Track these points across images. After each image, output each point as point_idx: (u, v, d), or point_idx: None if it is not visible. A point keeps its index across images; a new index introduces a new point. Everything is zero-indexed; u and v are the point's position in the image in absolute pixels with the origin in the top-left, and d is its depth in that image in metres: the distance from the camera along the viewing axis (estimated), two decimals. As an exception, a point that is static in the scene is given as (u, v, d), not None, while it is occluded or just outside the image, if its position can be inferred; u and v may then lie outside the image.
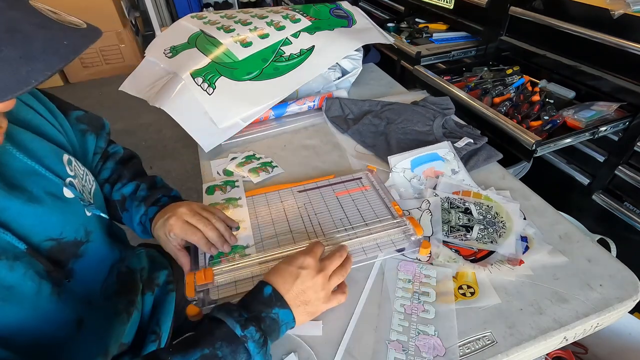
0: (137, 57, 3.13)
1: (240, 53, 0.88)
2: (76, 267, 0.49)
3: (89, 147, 0.62)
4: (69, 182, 0.50)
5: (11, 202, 0.42)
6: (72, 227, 0.49)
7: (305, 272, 0.46)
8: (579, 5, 0.90)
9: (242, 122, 0.84)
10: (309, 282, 0.46)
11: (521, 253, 0.57)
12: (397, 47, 1.34)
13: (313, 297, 0.46)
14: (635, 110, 0.86)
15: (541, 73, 1.07)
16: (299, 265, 0.47)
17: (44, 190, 0.46)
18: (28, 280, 0.42)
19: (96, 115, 0.65)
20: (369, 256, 0.57)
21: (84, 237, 0.51)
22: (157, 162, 2.12)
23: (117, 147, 0.70)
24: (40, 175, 0.46)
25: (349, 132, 0.87)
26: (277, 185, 0.71)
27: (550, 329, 0.47)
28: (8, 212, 0.41)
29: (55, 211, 0.46)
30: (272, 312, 0.44)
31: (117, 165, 0.67)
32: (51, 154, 0.49)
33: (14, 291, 0.40)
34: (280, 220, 0.64)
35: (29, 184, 0.45)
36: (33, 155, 0.46)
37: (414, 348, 0.46)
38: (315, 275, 0.47)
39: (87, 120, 0.62)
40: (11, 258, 0.40)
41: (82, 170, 0.54)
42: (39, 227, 0.44)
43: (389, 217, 0.63)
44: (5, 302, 0.39)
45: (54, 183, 0.47)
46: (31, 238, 0.43)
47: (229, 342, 0.39)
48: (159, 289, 0.67)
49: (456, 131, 0.83)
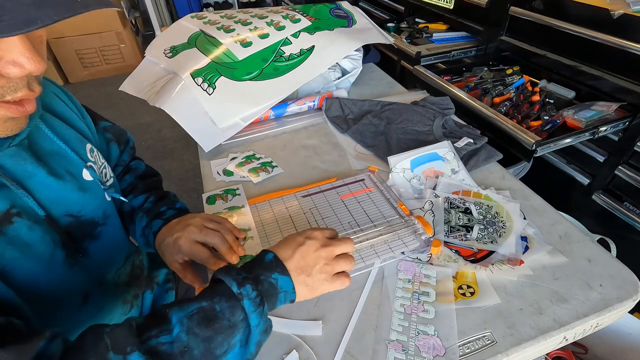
0: (137, 57, 3.13)
1: (240, 53, 0.88)
2: (91, 247, 0.51)
3: (112, 156, 0.65)
4: (89, 165, 0.52)
5: (38, 170, 0.45)
6: (91, 207, 0.51)
7: (311, 241, 0.46)
8: (579, 5, 0.90)
9: (242, 122, 0.84)
10: (312, 253, 0.45)
11: (521, 253, 0.57)
12: (397, 47, 1.34)
13: (315, 270, 0.45)
14: (635, 110, 0.86)
15: (541, 73, 1.07)
16: (306, 236, 0.47)
17: (65, 169, 0.49)
18: (44, 245, 0.44)
19: (122, 129, 0.69)
20: (382, 258, 0.56)
21: (102, 219, 0.53)
22: (157, 162, 2.12)
23: (140, 164, 0.72)
24: (65, 155, 0.49)
25: (349, 132, 0.87)
26: (280, 192, 0.70)
27: (550, 329, 0.47)
28: (34, 179, 0.44)
29: (75, 189, 0.49)
30: (272, 276, 0.43)
31: (134, 180, 0.68)
32: (76, 140, 0.53)
33: (32, 249, 0.43)
34: (288, 228, 0.63)
35: (53, 161, 0.48)
36: (61, 137, 0.49)
37: (414, 348, 0.46)
38: (320, 247, 0.46)
39: (113, 132, 0.66)
40: (32, 220, 0.43)
41: (102, 163, 0.57)
42: (60, 202, 0.47)
43: (397, 218, 0.63)
44: (23, 255, 0.42)
45: (76, 164, 0.50)
46: (51, 209, 0.46)
47: (227, 298, 0.39)
48: (159, 288, 0.67)
49: (456, 131, 0.83)
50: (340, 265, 0.47)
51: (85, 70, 3.07)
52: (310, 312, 0.51)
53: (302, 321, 0.50)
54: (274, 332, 0.48)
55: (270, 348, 0.47)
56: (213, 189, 0.72)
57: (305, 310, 0.51)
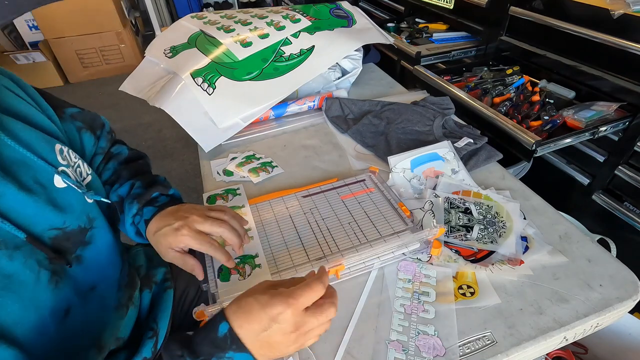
0: (137, 57, 3.13)
1: (240, 53, 0.88)
2: (86, 254, 0.49)
3: (86, 145, 0.60)
4: (61, 170, 0.48)
5: (7, 188, 0.41)
6: (73, 215, 0.48)
7: (278, 327, 0.37)
8: (579, 5, 0.90)
9: (242, 122, 0.84)
10: (280, 337, 0.38)
11: (521, 253, 0.57)
12: (397, 47, 1.34)
13: (283, 347, 0.39)
14: (635, 110, 0.86)
15: (541, 73, 1.07)
16: (272, 317, 0.37)
17: (34, 179, 0.44)
18: (27, 269, 0.41)
19: (93, 113, 0.63)
20: (382, 259, 0.56)
21: (87, 223, 0.50)
22: (157, 162, 2.13)
23: (122, 148, 0.67)
24: (30, 163, 0.44)
25: (349, 132, 0.87)
26: (280, 192, 0.70)
27: (550, 329, 0.47)
28: (5, 198, 0.40)
29: (50, 201, 0.45)
30: (226, 356, 0.37)
31: (118, 166, 0.65)
32: (42, 142, 0.47)
33: (13, 279, 0.40)
34: (288, 228, 0.63)
35: (19, 172, 0.43)
36: (24, 144, 0.44)
37: (414, 348, 0.46)
38: (290, 333, 0.38)
39: (82, 118, 0.60)
40: (11, 247, 0.40)
41: (75, 161, 0.52)
42: (40, 217, 0.43)
43: (398, 218, 0.63)
44: (5, 291, 0.39)
45: (45, 171, 0.46)
46: (32, 227, 0.42)
47: None
48: (157, 287, 0.67)
49: (456, 131, 0.83)
50: (312, 341, 0.40)
51: (85, 70, 3.07)
52: (310, 312, 0.51)
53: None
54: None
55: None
56: (213, 189, 0.72)
57: (305, 310, 0.51)
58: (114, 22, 2.94)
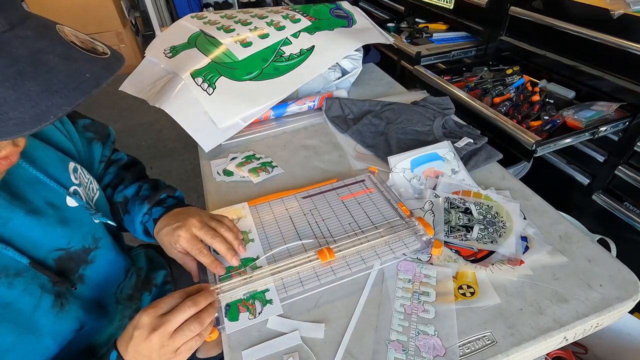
0: (137, 57, 3.13)
1: (240, 53, 0.88)
2: (87, 272, 0.50)
3: (95, 156, 0.62)
4: (73, 190, 0.49)
5: (14, 213, 0.41)
6: (79, 236, 0.49)
7: (138, 332, 0.41)
8: (579, 5, 0.90)
9: (242, 122, 0.84)
10: (143, 343, 0.41)
11: (521, 253, 0.57)
12: (397, 47, 1.34)
13: (155, 357, 0.41)
14: (635, 110, 0.87)
15: (541, 73, 1.07)
16: (134, 325, 0.42)
17: (45, 200, 0.45)
18: (27, 295, 0.41)
19: (102, 124, 0.66)
20: (383, 259, 0.56)
21: (92, 244, 0.51)
22: (157, 162, 2.13)
23: (120, 154, 0.70)
24: (43, 184, 0.45)
25: (349, 132, 0.87)
26: (280, 193, 0.70)
27: (550, 329, 0.47)
28: (11, 223, 0.41)
29: (58, 222, 0.46)
30: None
31: (119, 170, 0.67)
32: (57, 162, 0.49)
33: (10, 309, 0.40)
34: (288, 229, 0.63)
35: (31, 193, 0.44)
36: (38, 164, 0.46)
37: (414, 348, 0.46)
38: (149, 335, 0.40)
39: (94, 129, 0.62)
40: (11, 275, 0.40)
41: (88, 179, 0.54)
42: (45, 239, 0.44)
43: (398, 219, 0.63)
44: (1, 320, 0.39)
45: (57, 193, 0.47)
46: (36, 251, 0.43)
47: None
48: (157, 289, 0.67)
49: (456, 131, 0.83)
50: (179, 340, 0.42)
51: (85, 70, 3.07)
52: (310, 312, 0.51)
53: (303, 322, 0.50)
54: (275, 332, 0.48)
55: (270, 348, 0.47)
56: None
57: (305, 310, 0.51)
58: (114, 22, 2.94)
